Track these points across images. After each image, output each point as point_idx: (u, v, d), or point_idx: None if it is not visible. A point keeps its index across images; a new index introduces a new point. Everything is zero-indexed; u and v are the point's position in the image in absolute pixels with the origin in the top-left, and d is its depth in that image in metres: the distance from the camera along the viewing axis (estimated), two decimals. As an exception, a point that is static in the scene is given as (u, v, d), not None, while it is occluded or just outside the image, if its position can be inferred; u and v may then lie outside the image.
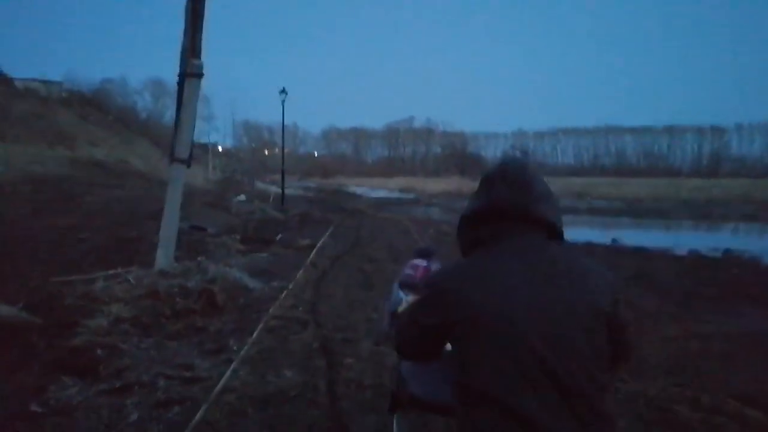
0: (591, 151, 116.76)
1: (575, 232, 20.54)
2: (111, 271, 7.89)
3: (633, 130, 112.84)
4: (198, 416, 3.71)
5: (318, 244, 12.72)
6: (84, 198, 19.02)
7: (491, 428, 1.39)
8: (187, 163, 8.27)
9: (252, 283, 8.11)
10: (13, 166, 24.90)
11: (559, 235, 1.63)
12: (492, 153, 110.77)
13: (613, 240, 19.16)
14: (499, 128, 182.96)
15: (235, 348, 5.29)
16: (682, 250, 16.44)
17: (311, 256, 10.90)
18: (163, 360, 4.94)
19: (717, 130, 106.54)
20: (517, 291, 1.45)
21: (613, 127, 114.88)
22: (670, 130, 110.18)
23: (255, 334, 5.62)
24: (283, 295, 7.44)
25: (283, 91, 25.84)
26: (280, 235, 14.47)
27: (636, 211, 36.32)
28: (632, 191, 50.70)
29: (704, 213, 34.87)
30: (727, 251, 15.87)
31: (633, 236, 20.48)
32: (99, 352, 4.94)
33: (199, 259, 8.44)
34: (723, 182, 58.91)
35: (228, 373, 4.50)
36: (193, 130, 8.33)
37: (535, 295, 1.44)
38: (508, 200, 1.58)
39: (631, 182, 61.25)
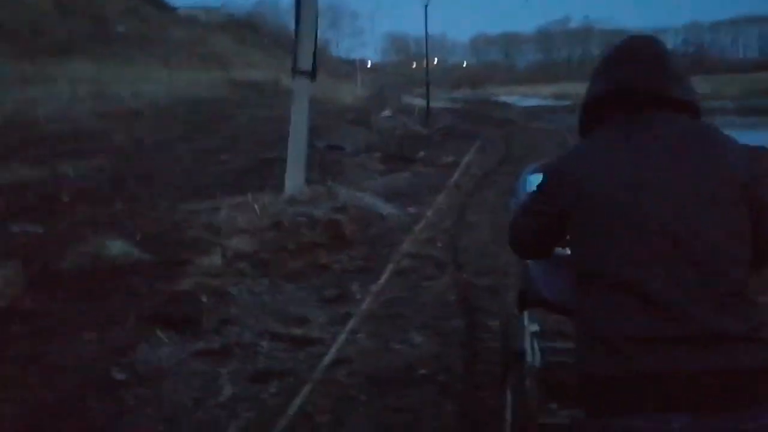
0: None
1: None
2: (239, 199, 7.38)
3: None
4: (297, 402, 2.86)
5: (463, 162, 11.51)
6: (235, 119, 19.28)
7: (619, 311, 1.25)
8: (311, 75, 7.35)
9: (387, 209, 7.19)
10: (173, 90, 26.11)
11: (696, 113, 1.45)
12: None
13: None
14: (668, 22, 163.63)
15: (358, 296, 4.42)
16: None
17: (455, 175, 9.76)
18: (274, 310, 4.20)
19: None
20: (642, 169, 1.31)
21: None
22: None
23: (383, 279, 4.70)
24: (421, 225, 6.45)
25: (425, -5, 23.99)
26: (422, 152, 13.43)
27: None
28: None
29: None
30: None
31: None
32: (204, 299, 4.29)
33: (329, 183, 7.65)
34: None
35: (343, 336, 3.61)
36: (316, 38, 7.33)
37: (669, 173, 1.30)
38: (637, 80, 1.41)
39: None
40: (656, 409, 1.19)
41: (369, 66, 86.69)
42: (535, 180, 1.73)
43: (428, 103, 25.40)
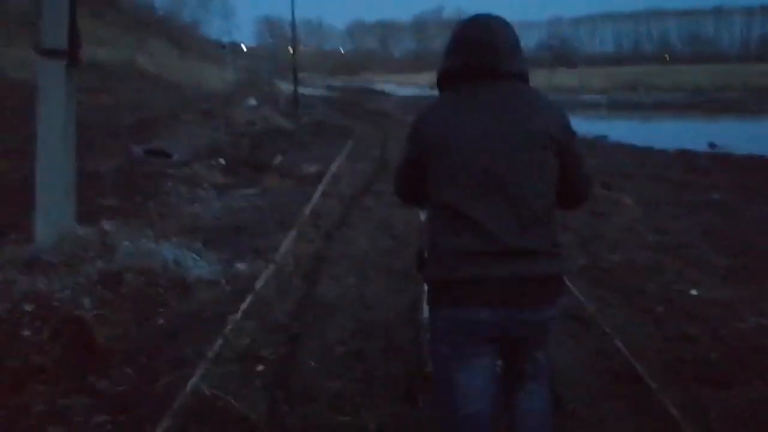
0: (632, 37, 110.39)
1: (661, 137, 16.39)
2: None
3: (677, 13, 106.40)
4: None
5: (328, 172, 9.06)
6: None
7: (450, 232, 1.70)
8: (69, 56, 4.54)
9: (198, 269, 4.58)
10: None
11: (525, 79, 1.83)
12: (525, 42, 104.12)
13: (711, 144, 15.03)
14: (533, 16, 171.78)
15: None
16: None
17: (315, 196, 7.28)
18: None
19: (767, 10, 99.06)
20: (477, 123, 1.72)
21: (655, 10, 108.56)
22: (718, 12, 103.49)
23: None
24: (246, 303, 3.93)
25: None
26: (280, 157, 10.82)
27: (706, 104, 31.41)
28: (687, 80, 44.91)
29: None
30: None
31: (726, 137, 16.22)
32: None
33: (104, 224, 4.89)
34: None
35: None
36: (72, 3, 4.51)
37: (491, 126, 1.71)
38: (473, 60, 1.78)
39: (681, 70, 54.89)
40: (474, 303, 1.68)
41: (244, 50, 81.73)
42: None
43: (296, 92, 22.62)
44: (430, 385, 2.50)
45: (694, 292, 4.25)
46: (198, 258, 4.81)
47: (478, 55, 1.77)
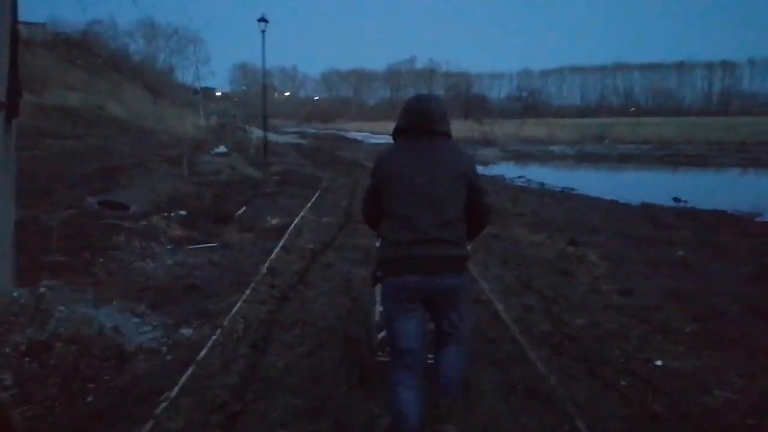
0: (598, 89, 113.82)
1: (626, 190, 16.57)
2: None
3: (641, 67, 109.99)
4: None
5: (292, 225, 8.84)
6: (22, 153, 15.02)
7: (396, 229, 2.73)
8: (11, 109, 4.33)
9: (138, 335, 4.28)
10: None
11: (449, 136, 2.88)
12: (497, 94, 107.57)
13: (675, 199, 15.23)
14: (504, 68, 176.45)
15: None
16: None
17: (274, 252, 7.04)
18: None
19: (728, 66, 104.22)
20: (414, 163, 2.76)
21: (620, 64, 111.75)
22: (680, 67, 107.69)
23: None
24: (186, 375, 3.64)
25: (262, 19, 21.34)
26: (244, 208, 10.59)
27: (671, 158, 32.11)
28: (652, 133, 45.99)
29: (753, 159, 30.43)
30: None
31: (691, 192, 16.47)
32: None
33: (43, 285, 4.58)
34: (752, 120, 53.92)
35: None
36: (15, 50, 4.33)
37: (423, 164, 2.75)
38: (416, 123, 2.82)
39: (645, 122, 56.41)
40: (408, 274, 2.68)
41: (219, 95, 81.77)
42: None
43: (266, 140, 22.51)
44: (380, 370, 3.39)
45: (659, 362, 4.08)
46: (140, 322, 4.52)
47: (419, 119, 2.81)
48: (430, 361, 2.98)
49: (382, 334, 3.49)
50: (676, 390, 3.65)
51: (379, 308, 3.55)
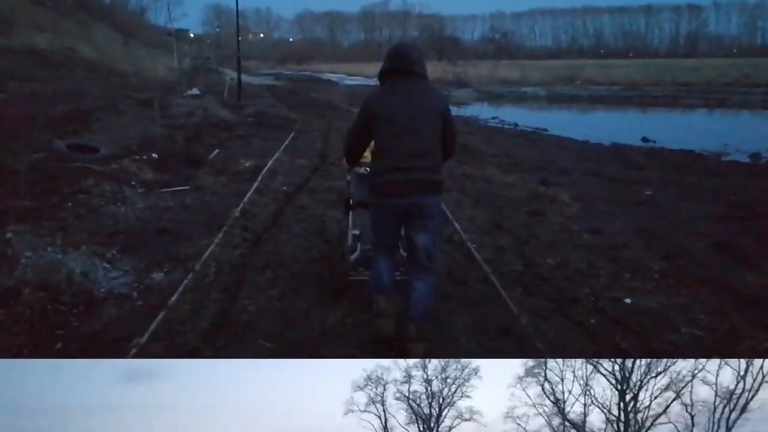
0: (569, 32, 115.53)
1: (597, 131, 16.62)
2: None
3: (610, 10, 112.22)
4: None
5: (266, 167, 8.73)
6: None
7: (382, 158, 3.27)
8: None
9: (107, 280, 4.24)
10: None
11: (425, 77, 3.37)
12: (470, 35, 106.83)
13: (644, 139, 15.34)
14: (477, 10, 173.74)
15: None
16: (742, 156, 12.73)
17: (247, 195, 6.97)
18: None
19: (694, 9, 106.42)
20: (396, 101, 3.24)
21: (590, 7, 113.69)
22: (648, 10, 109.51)
23: None
24: (154, 323, 3.62)
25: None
26: (217, 150, 10.41)
27: (640, 99, 32.19)
28: (622, 74, 45.94)
29: (719, 99, 30.67)
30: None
31: (658, 131, 16.58)
32: None
33: (8, 233, 4.48)
34: (718, 62, 54.03)
35: None
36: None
37: (404, 103, 3.22)
38: (399, 65, 3.31)
39: (615, 64, 56.29)
40: (390, 195, 3.25)
41: (192, 37, 78.98)
42: None
43: (240, 82, 21.96)
44: (352, 287, 4.07)
45: (627, 300, 4.19)
46: (110, 267, 4.47)
47: (399, 61, 3.33)
48: (399, 278, 3.66)
49: (355, 255, 4.15)
50: (645, 328, 3.75)
51: (352, 232, 4.27)
